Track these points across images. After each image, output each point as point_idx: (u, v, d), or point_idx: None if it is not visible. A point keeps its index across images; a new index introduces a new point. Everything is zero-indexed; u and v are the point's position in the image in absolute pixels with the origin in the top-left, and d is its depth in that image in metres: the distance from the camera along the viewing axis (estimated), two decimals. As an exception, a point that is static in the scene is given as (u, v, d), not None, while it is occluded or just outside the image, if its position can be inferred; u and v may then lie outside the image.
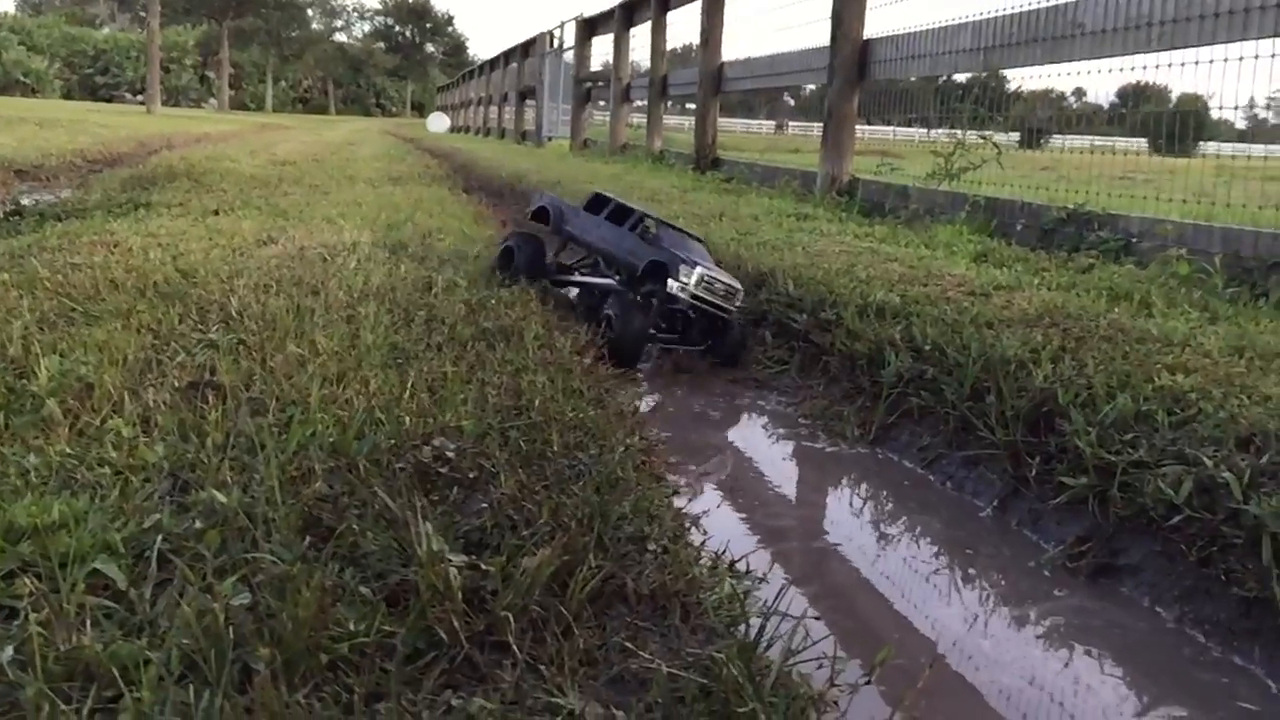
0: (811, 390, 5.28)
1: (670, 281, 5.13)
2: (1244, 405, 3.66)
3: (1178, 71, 7.59)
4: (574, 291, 6.25)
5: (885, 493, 4.23)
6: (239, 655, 1.83)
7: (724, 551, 2.85)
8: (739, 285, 5.42)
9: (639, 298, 5.33)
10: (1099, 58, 8.37)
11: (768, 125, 61.28)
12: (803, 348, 5.61)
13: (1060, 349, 4.53)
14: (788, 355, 5.67)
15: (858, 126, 13.14)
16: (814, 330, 5.56)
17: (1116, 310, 5.45)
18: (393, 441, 3.01)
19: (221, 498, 2.44)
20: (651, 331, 5.32)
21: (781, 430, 4.81)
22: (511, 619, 2.14)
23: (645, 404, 5.03)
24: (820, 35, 12.00)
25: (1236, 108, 7.81)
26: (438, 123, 53.86)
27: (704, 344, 5.51)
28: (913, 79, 12.67)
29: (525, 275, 5.85)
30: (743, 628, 2.37)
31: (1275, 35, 6.78)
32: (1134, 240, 7.60)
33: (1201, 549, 3.10)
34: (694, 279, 5.16)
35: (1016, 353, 4.43)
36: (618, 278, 5.73)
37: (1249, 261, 6.59)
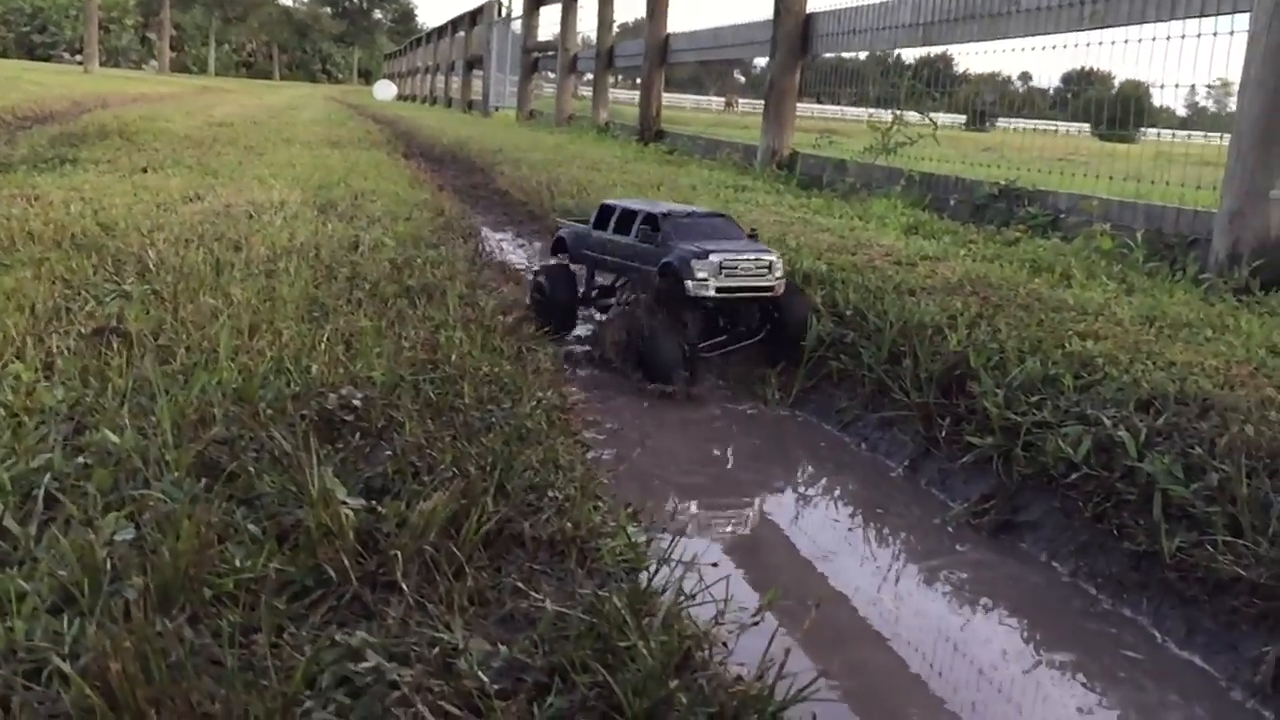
0: (735, 355, 5.32)
1: (687, 284, 4.42)
2: (1148, 370, 3.75)
3: (1120, 55, 7.72)
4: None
5: (801, 453, 4.29)
6: (118, 588, 1.81)
7: (630, 503, 2.87)
8: (773, 255, 4.65)
9: (661, 310, 4.62)
10: (1034, 35, 8.49)
11: (718, 101, 61.22)
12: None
13: (978, 316, 4.60)
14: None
15: (807, 105, 13.20)
16: (741, 296, 5.60)
17: (1037, 281, 5.55)
18: (299, 389, 2.98)
19: (115, 439, 2.42)
20: (690, 345, 4.67)
21: (702, 392, 4.84)
22: (401, 558, 2.14)
23: (575, 374, 5.03)
24: (765, 9, 12.02)
25: (1176, 86, 7.99)
26: (384, 90, 53.21)
27: (761, 333, 4.84)
28: (859, 56, 12.78)
29: (562, 312, 5.16)
30: (641, 574, 2.39)
31: (1202, 15, 6.92)
32: (1062, 216, 7.74)
33: (1097, 506, 3.18)
34: (711, 271, 4.41)
35: (934, 318, 4.49)
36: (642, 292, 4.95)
37: (1170, 238, 6.73)
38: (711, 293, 4.46)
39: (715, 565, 2.74)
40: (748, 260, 4.55)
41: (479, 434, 3.00)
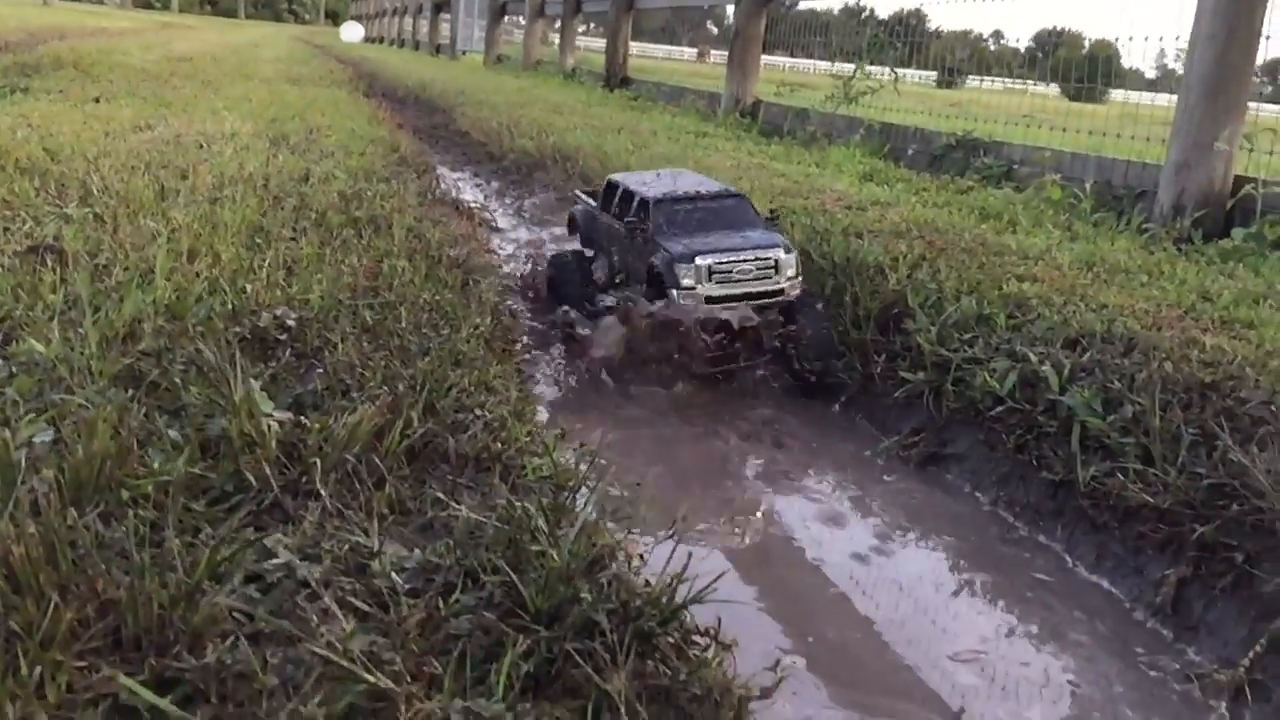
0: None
1: (671, 293, 3.73)
2: (1079, 311, 3.82)
3: (1090, 9, 7.73)
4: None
5: (738, 388, 4.34)
6: (30, 484, 1.83)
7: (560, 426, 2.91)
8: (780, 250, 3.85)
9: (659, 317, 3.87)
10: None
11: (690, 53, 60.75)
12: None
13: (920, 258, 4.65)
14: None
15: (779, 59, 13.14)
16: (692, 236, 5.63)
17: (983, 227, 5.60)
18: (233, 308, 2.99)
19: (40, 348, 2.42)
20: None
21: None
22: (322, 467, 2.17)
23: (522, 302, 5.06)
24: (731, -46, 11.91)
25: (1145, 38, 8.03)
26: (351, 32, 52.26)
27: (770, 352, 4.05)
28: (832, 10, 12.69)
29: (576, 304, 4.38)
30: (565, 492, 2.44)
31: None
32: (1016, 166, 7.80)
33: (1020, 438, 3.26)
34: (697, 277, 3.71)
35: (877, 259, 4.54)
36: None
37: (1119, 189, 6.81)
38: (697, 304, 3.73)
39: (638, 484, 2.80)
40: (746, 261, 3.77)
41: (414, 357, 3.03)
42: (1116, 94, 11.99)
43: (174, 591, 1.57)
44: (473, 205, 6.89)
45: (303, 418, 2.41)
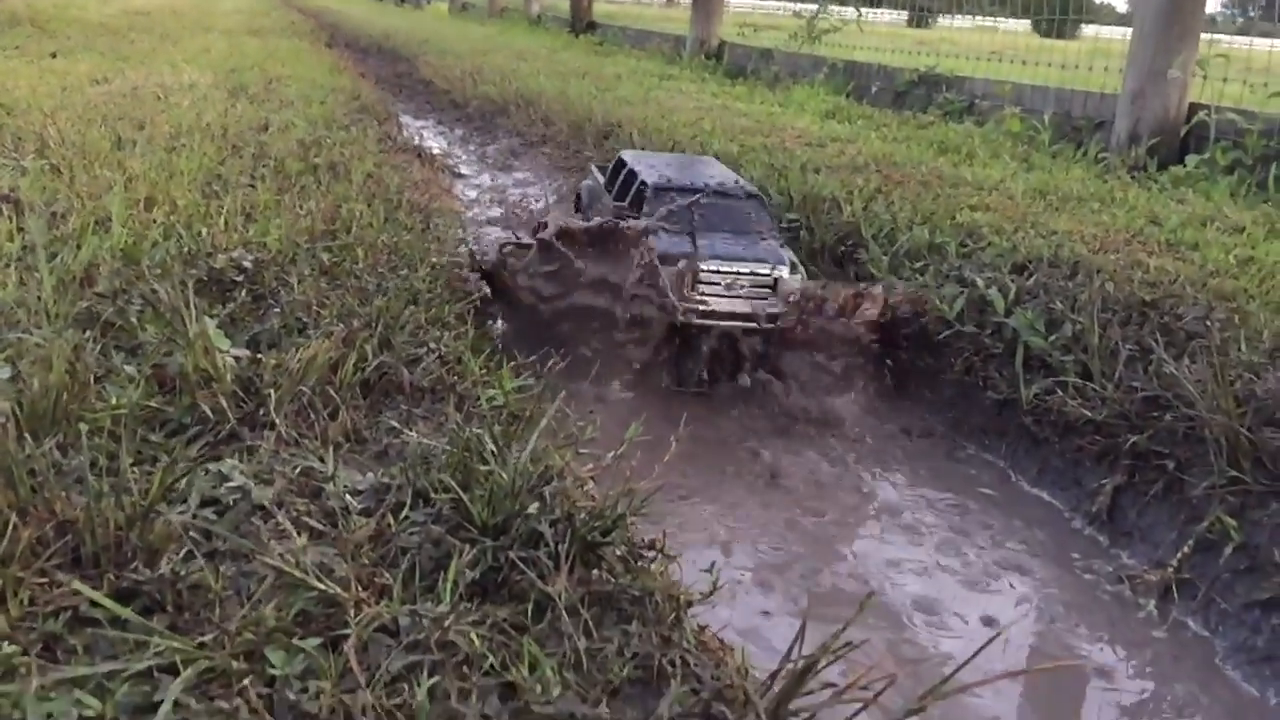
0: (646, 233, 5.40)
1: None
2: (1028, 238, 3.90)
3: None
4: None
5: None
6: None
7: (514, 360, 2.97)
8: (783, 267, 3.38)
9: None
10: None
11: (659, -3, 60.11)
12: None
13: (876, 191, 4.72)
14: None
15: (752, 1, 13.02)
16: (652, 176, 5.66)
17: (941, 160, 5.66)
18: (189, 252, 3.03)
19: (-4, 291, 2.46)
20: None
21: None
22: (278, 399, 2.23)
23: (482, 244, 5.09)
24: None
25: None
26: (315, -16, 51.45)
27: (739, 377, 3.44)
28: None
29: None
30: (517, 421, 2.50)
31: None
32: (977, 100, 7.84)
33: (967, 360, 3.35)
34: (673, 283, 3.27)
35: (833, 193, 4.60)
36: None
37: (1078, 121, 6.87)
38: (680, 317, 3.27)
39: (591, 412, 2.87)
40: (740, 273, 3.32)
41: (371, 296, 3.07)
42: (1089, 30, 11.97)
43: (130, 512, 1.63)
44: (435, 152, 6.88)
45: (259, 355, 2.46)
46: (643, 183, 3.73)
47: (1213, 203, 4.73)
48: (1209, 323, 2.91)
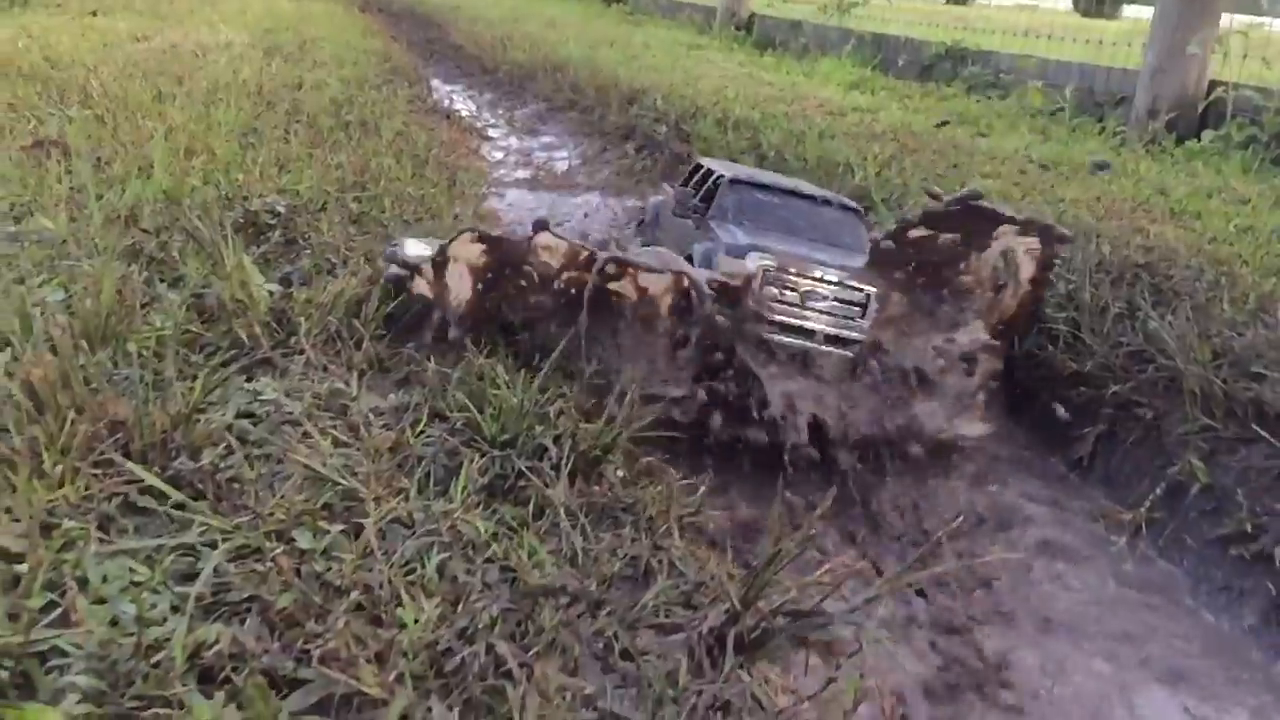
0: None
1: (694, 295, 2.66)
2: (1034, 203, 4.02)
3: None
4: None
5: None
6: (46, 330, 2.05)
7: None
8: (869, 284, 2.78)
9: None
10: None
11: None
12: (664, 157, 5.84)
13: (891, 158, 4.83)
14: (651, 165, 5.91)
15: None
16: (674, 140, 5.80)
17: (959, 131, 5.77)
18: (227, 196, 3.20)
19: (49, 224, 2.64)
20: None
21: (620, 230, 5.07)
22: (306, 328, 2.40)
23: (509, 202, 5.25)
24: None
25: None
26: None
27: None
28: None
29: None
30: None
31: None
32: (1002, 75, 7.89)
33: (967, 317, 3.48)
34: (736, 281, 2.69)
35: (847, 158, 4.72)
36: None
37: (1100, 96, 6.93)
38: (722, 318, 2.67)
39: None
40: (823, 282, 2.74)
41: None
42: (1129, 10, 11.92)
43: (175, 414, 1.81)
44: (464, 115, 7.04)
45: (290, 290, 2.64)
46: (719, 176, 3.29)
47: (1223, 176, 4.81)
48: (1197, 284, 3.03)
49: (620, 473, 2.12)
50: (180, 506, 1.62)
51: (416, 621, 1.42)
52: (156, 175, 3.32)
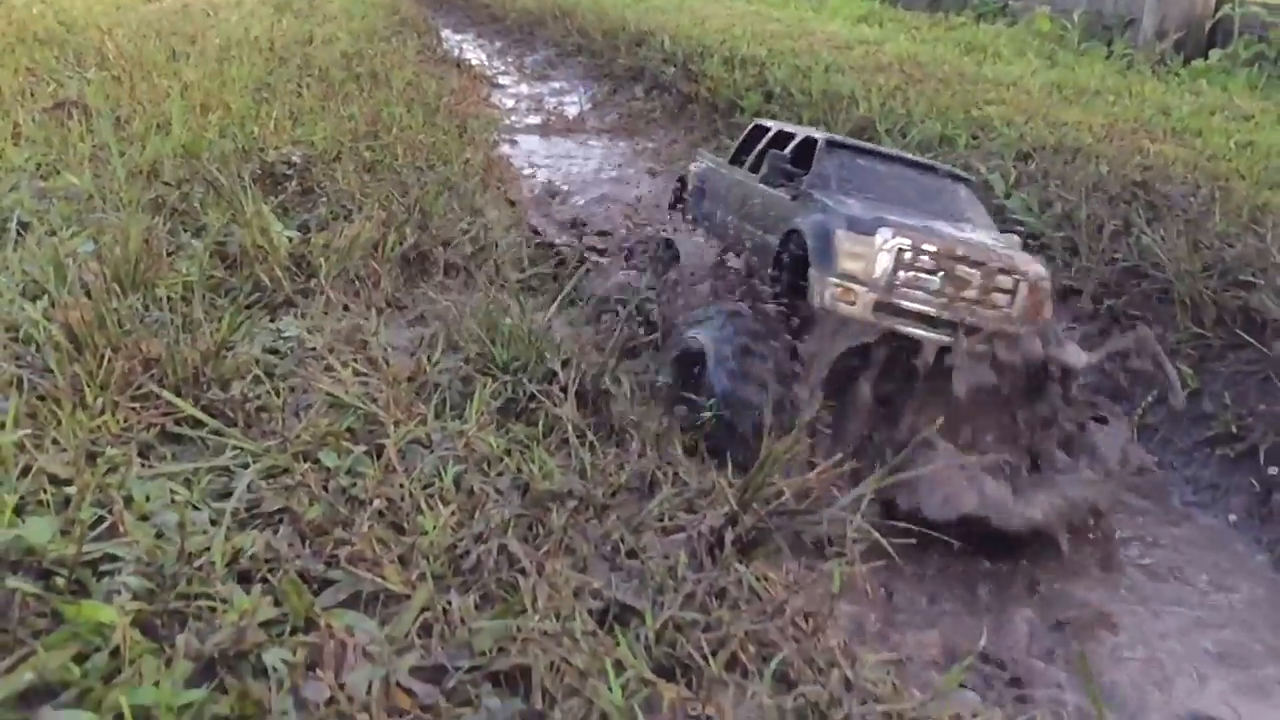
0: (674, 138, 5.61)
1: (812, 275, 2.37)
2: (1037, 129, 4.06)
3: None
4: None
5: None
6: (80, 276, 2.17)
7: (538, 232, 3.23)
8: (1025, 260, 2.44)
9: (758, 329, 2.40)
10: None
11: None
12: (672, 98, 5.90)
13: (896, 88, 4.88)
14: (660, 106, 5.97)
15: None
16: (682, 80, 5.84)
17: (965, 60, 5.78)
18: (243, 149, 3.30)
19: (75, 180, 2.75)
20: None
21: (629, 170, 5.13)
22: (325, 270, 2.51)
23: (521, 148, 5.33)
24: None
25: None
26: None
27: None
28: None
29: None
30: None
31: None
32: (1011, 2, 7.86)
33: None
34: (877, 265, 2.34)
35: (853, 90, 4.77)
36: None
37: (1109, 19, 6.90)
38: (867, 314, 2.33)
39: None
40: (969, 257, 2.34)
41: (410, 187, 3.34)
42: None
43: (204, 350, 1.92)
44: (474, 63, 7.09)
45: (309, 236, 2.74)
46: (808, 139, 2.92)
47: (1228, 94, 4.83)
48: (1192, 199, 3.09)
49: (628, 394, 2.23)
50: (215, 434, 1.74)
51: (435, 527, 1.54)
52: (175, 131, 3.42)
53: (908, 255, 2.32)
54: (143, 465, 1.66)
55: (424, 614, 1.38)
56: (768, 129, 3.20)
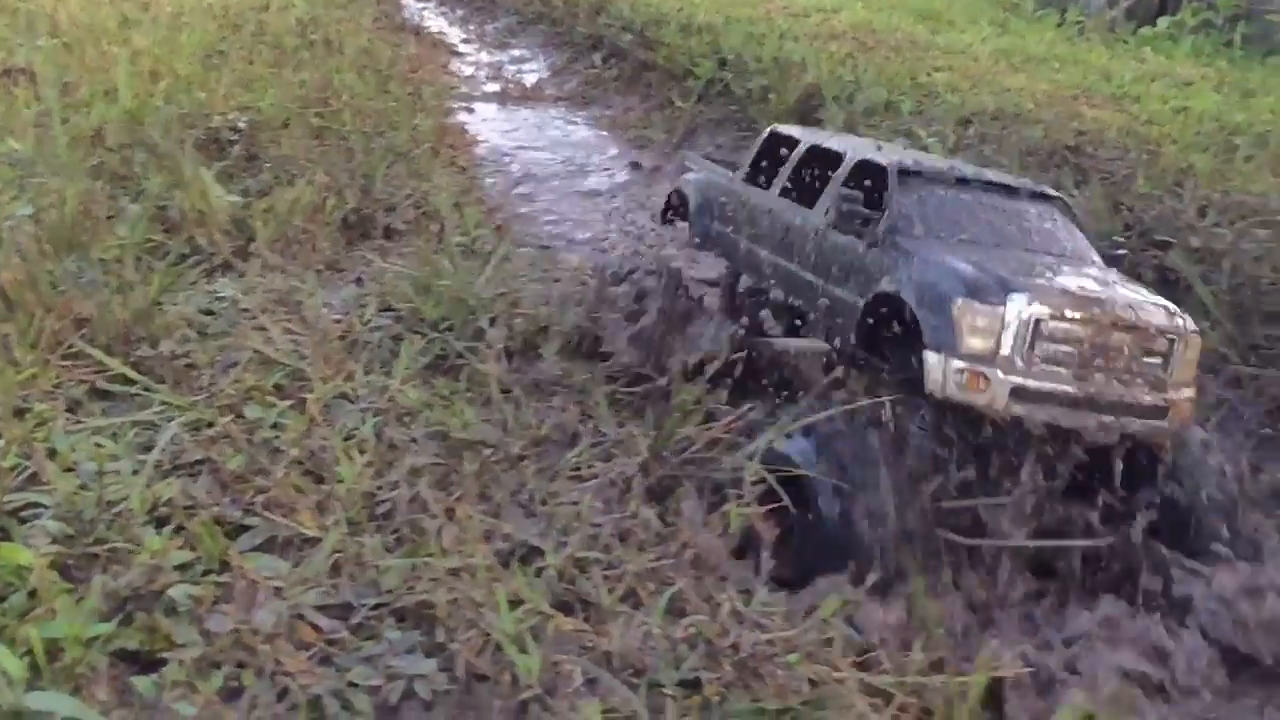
0: (630, 106, 5.64)
1: (928, 358, 1.97)
2: (980, 95, 4.13)
3: None
4: None
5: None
6: (14, 236, 2.20)
7: (487, 206, 3.28)
8: (1179, 320, 2.07)
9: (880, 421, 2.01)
10: None
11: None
12: (629, 65, 5.92)
13: (847, 55, 4.93)
14: (618, 74, 5.99)
15: None
16: (639, 48, 5.87)
17: (919, 27, 5.84)
18: (188, 114, 3.32)
19: (17, 146, 2.77)
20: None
21: (589, 135, 5.17)
22: (264, 234, 2.55)
23: (477, 116, 5.35)
24: None
25: None
26: None
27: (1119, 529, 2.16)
28: None
29: None
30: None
31: None
32: (969, -30, 7.92)
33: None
34: (1008, 339, 1.94)
35: (802, 58, 4.81)
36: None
37: (1065, -14, 6.98)
38: (999, 404, 1.95)
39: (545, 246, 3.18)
40: (1122, 319, 1.99)
41: (355, 153, 3.38)
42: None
43: (135, 310, 1.97)
44: (434, 31, 7.09)
45: (250, 200, 2.79)
46: (871, 164, 2.45)
47: (1172, 61, 4.91)
48: (1119, 163, 3.17)
49: (555, 353, 2.29)
50: (144, 390, 1.80)
51: (352, 476, 1.60)
52: (121, 97, 3.44)
53: (1047, 326, 1.91)
54: (71, 420, 1.72)
55: (335, 556, 1.45)
56: (792, 140, 2.70)
